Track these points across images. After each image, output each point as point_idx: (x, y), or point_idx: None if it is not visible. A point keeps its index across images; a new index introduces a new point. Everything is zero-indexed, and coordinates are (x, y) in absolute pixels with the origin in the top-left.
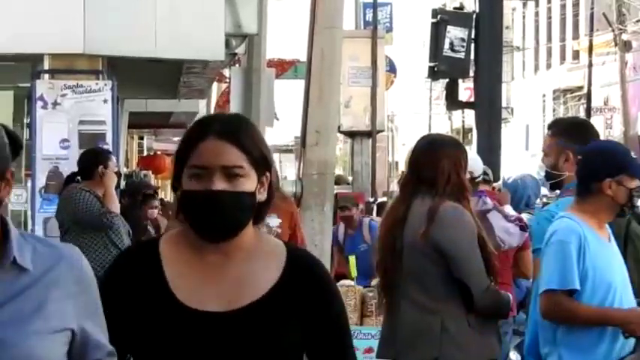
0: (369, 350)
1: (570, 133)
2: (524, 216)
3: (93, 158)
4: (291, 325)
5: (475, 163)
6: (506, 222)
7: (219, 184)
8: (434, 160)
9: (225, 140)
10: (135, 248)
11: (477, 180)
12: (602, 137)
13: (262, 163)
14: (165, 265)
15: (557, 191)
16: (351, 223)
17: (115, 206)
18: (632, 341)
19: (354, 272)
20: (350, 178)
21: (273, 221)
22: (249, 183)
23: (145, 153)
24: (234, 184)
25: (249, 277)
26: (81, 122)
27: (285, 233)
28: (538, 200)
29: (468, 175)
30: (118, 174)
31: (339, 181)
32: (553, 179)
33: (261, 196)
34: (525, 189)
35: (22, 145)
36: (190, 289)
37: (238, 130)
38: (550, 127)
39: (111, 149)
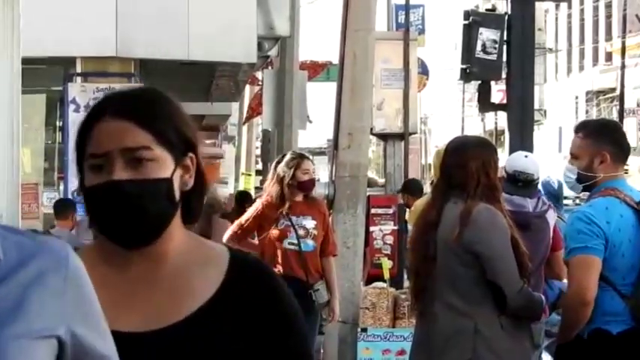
0: (402, 352)
1: (604, 134)
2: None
3: None
4: (233, 344)
5: (534, 166)
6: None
7: (121, 173)
8: (462, 163)
9: (124, 118)
10: None
11: (535, 182)
12: (635, 139)
13: (180, 142)
14: None
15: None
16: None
17: None
18: None
19: (387, 274)
20: (382, 181)
21: (309, 223)
22: (161, 168)
23: None
24: (141, 171)
25: (183, 289)
26: None
27: (320, 235)
28: (571, 202)
29: (500, 174)
30: None
31: (369, 183)
32: (586, 181)
33: (186, 184)
34: (549, 191)
35: None
36: (109, 308)
37: (140, 104)
38: (579, 129)
39: None
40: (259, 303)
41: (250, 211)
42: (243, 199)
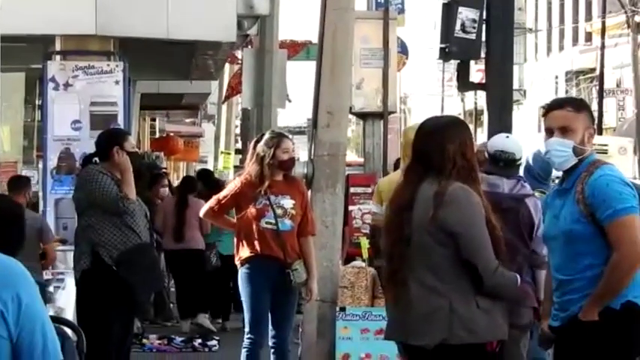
0: (380, 331)
1: (588, 109)
2: (536, 194)
3: (108, 139)
4: None
5: (515, 145)
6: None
7: None
8: (440, 147)
9: None
10: None
11: (517, 163)
12: (614, 119)
13: None
14: None
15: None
16: None
17: (132, 192)
18: None
19: (365, 254)
20: (361, 160)
21: (288, 203)
22: None
23: (157, 135)
24: None
25: None
26: (92, 103)
27: (298, 215)
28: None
29: (478, 153)
30: (136, 154)
31: None
32: (581, 154)
33: None
34: (535, 163)
35: None
36: None
37: None
38: (565, 104)
39: (125, 129)
40: None
41: (229, 188)
42: (207, 179)
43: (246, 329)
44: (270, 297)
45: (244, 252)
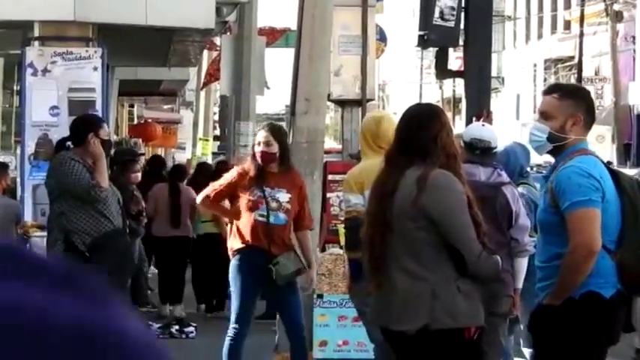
0: (358, 319)
1: (580, 98)
2: (520, 188)
3: (84, 125)
4: None
5: (491, 134)
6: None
7: None
8: (431, 133)
9: None
10: None
11: (493, 151)
12: None
13: None
14: None
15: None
16: None
17: (104, 179)
18: None
19: (343, 241)
20: (340, 147)
21: (283, 196)
22: None
23: (136, 121)
24: None
25: None
26: (71, 89)
27: (294, 209)
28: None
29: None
30: (109, 142)
31: None
32: (557, 141)
33: None
34: (517, 159)
35: None
36: None
37: None
38: (554, 90)
39: (101, 116)
40: None
41: (226, 177)
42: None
43: (232, 319)
44: (259, 288)
45: (236, 243)
